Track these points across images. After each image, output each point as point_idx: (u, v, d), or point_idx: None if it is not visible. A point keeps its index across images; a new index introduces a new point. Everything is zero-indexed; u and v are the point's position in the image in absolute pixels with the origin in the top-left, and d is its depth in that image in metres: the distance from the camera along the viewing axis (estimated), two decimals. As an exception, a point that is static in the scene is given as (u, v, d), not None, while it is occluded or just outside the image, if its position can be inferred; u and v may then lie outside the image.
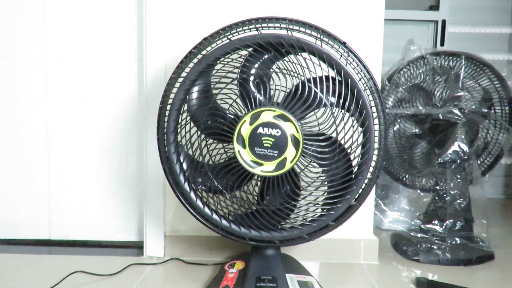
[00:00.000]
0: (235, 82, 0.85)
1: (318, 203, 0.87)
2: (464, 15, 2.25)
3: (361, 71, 0.83)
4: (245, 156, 0.83)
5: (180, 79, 0.86)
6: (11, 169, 1.33)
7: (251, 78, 0.85)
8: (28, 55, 1.30)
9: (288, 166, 0.82)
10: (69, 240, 1.34)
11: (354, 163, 0.85)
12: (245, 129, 0.82)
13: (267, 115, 0.81)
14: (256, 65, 0.85)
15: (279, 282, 0.88)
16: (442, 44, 2.21)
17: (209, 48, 0.85)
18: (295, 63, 0.82)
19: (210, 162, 0.91)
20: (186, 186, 0.89)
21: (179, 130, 0.89)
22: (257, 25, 0.83)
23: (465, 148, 1.27)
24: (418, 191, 1.45)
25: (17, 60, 1.30)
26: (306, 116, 0.84)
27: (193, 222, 0.94)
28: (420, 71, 1.38)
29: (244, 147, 0.82)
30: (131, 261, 1.16)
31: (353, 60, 0.83)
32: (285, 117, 0.81)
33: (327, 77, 0.82)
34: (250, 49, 0.84)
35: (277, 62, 0.85)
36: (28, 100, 1.31)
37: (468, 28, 2.27)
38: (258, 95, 0.84)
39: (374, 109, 0.83)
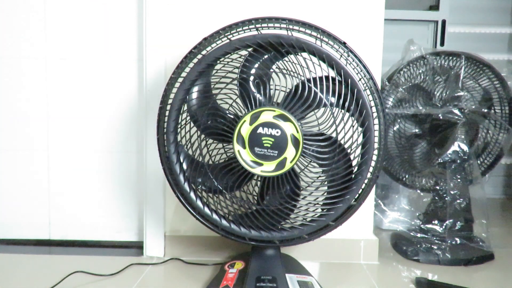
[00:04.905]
0: (235, 82, 0.85)
1: (318, 203, 0.86)
2: (464, 15, 2.25)
3: (361, 71, 0.83)
4: (245, 156, 0.83)
5: (180, 79, 0.86)
6: (11, 169, 1.33)
7: (251, 78, 0.85)
8: (28, 55, 1.30)
9: (288, 166, 0.82)
10: (69, 240, 1.35)
11: (354, 163, 0.85)
12: (245, 129, 0.82)
13: (267, 115, 0.81)
14: (256, 65, 0.85)
15: (279, 282, 0.88)
16: (442, 44, 2.21)
17: (209, 48, 0.85)
18: (295, 63, 0.82)
19: (210, 162, 0.91)
20: (186, 186, 0.89)
21: (179, 130, 0.89)
22: (257, 25, 0.83)
23: (465, 148, 1.27)
24: (418, 191, 1.45)
25: (17, 60, 1.30)
26: (306, 116, 0.84)
27: (193, 222, 0.94)
28: (420, 71, 1.38)
29: (244, 147, 0.82)
30: (131, 261, 1.16)
31: (353, 60, 0.83)
32: (285, 117, 0.81)
33: (327, 77, 0.82)
34: (250, 49, 0.84)
35: (277, 62, 0.85)
36: (28, 100, 1.31)
37: (468, 28, 2.27)
38: (258, 95, 0.84)
39: (374, 109, 0.83)
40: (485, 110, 1.33)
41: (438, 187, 1.32)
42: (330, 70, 0.81)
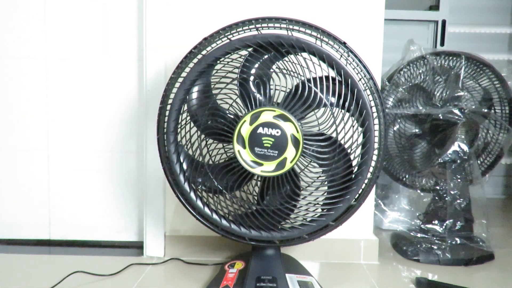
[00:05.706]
0: (235, 82, 0.85)
1: (318, 203, 0.86)
2: (464, 15, 2.25)
3: (361, 71, 0.83)
4: (245, 156, 0.83)
5: (180, 79, 0.86)
6: (11, 169, 1.33)
7: (251, 78, 0.85)
8: (28, 55, 1.30)
9: (288, 166, 0.82)
10: (69, 240, 1.35)
11: (354, 163, 0.85)
12: (245, 129, 0.82)
13: (267, 115, 0.81)
14: (256, 65, 0.85)
15: (279, 282, 0.89)
16: (442, 44, 2.21)
17: (209, 48, 0.85)
18: (295, 63, 0.82)
19: (210, 162, 0.91)
20: (186, 186, 0.89)
21: (179, 130, 0.89)
22: (257, 25, 0.83)
23: (465, 148, 1.27)
24: (418, 191, 1.45)
25: (17, 60, 1.30)
26: (306, 116, 0.84)
27: (193, 222, 0.94)
28: (420, 71, 1.38)
29: (244, 147, 0.82)
30: (131, 261, 1.16)
31: (353, 60, 0.83)
32: (285, 117, 0.81)
33: (327, 77, 0.82)
34: (250, 49, 0.84)
35: (277, 62, 0.85)
36: (28, 100, 1.31)
37: (468, 28, 2.27)
38: (258, 95, 0.84)
39: (374, 109, 0.83)
40: (485, 110, 1.33)
41: (438, 187, 1.32)
42: (330, 70, 0.81)
